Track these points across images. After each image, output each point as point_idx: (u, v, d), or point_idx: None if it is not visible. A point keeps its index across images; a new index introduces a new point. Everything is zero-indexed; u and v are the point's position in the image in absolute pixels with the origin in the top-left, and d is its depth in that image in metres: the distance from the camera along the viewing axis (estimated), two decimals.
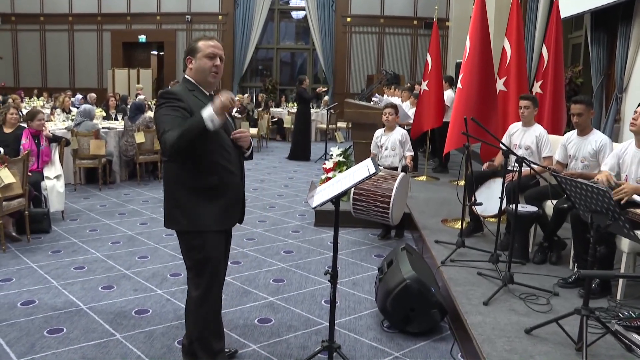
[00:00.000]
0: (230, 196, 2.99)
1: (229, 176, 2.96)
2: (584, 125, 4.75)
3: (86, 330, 3.79)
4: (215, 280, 3.03)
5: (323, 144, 12.42)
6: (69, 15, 20.68)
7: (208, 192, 2.90)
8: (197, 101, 2.86)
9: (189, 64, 2.95)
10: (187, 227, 2.93)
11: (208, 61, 2.90)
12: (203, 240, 2.93)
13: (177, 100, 2.81)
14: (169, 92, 2.87)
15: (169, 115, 2.77)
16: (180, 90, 2.89)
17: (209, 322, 3.06)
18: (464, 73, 6.11)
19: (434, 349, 3.65)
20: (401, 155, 6.19)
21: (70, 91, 15.77)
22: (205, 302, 3.01)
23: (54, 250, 5.49)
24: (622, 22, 7.46)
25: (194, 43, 2.95)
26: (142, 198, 7.95)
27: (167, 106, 2.80)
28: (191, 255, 2.99)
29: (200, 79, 2.95)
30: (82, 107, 8.92)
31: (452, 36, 16.80)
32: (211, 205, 2.91)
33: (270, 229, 6.42)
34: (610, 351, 3.19)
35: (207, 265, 2.97)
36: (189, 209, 2.89)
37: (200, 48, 2.91)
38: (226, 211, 2.98)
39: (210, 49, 2.91)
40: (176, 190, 2.92)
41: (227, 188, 2.95)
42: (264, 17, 20.30)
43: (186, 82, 2.97)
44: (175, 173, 2.92)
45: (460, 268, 4.57)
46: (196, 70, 2.93)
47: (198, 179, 2.88)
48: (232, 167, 2.97)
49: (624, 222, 3.07)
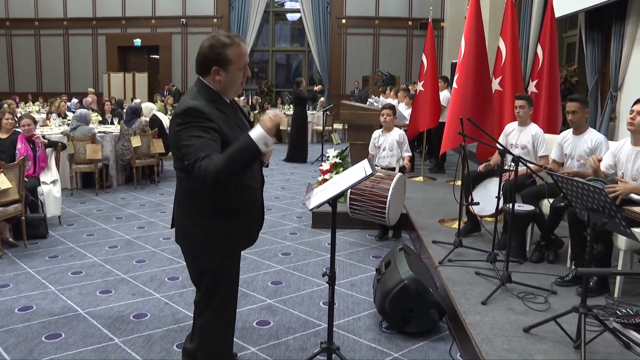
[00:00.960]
0: (253, 213, 2.79)
1: (252, 193, 2.74)
2: (579, 123, 4.77)
3: (84, 335, 3.78)
4: (227, 300, 2.85)
5: (319, 145, 12.43)
6: (63, 20, 20.67)
7: (230, 211, 2.65)
8: (221, 115, 2.56)
9: (216, 76, 2.57)
10: (204, 250, 2.69)
11: (241, 74, 2.62)
12: (220, 263, 2.73)
13: (206, 120, 2.47)
14: (196, 110, 2.48)
15: (202, 138, 2.43)
16: (204, 105, 2.52)
17: (221, 342, 2.88)
18: (459, 73, 6.12)
19: (432, 349, 3.65)
20: (399, 156, 6.19)
21: (66, 95, 15.75)
22: (215, 323, 2.82)
23: (51, 256, 5.48)
24: (615, 21, 7.49)
25: (222, 51, 2.55)
26: (139, 202, 7.94)
27: (195, 127, 2.45)
28: (204, 276, 2.76)
29: (227, 91, 2.64)
30: (78, 112, 8.91)
31: (448, 36, 16.84)
32: (234, 225, 2.68)
33: (268, 231, 6.42)
34: (609, 349, 3.20)
35: (219, 286, 2.77)
36: (209, 230, 2.65)
37: (232, 59, 2.56)
38: (249, 231, 2.81)
39: (243, 60, 2.61)
40: (194, 209, 2.66)
41: (249, 205, 2.74)
42: (259, 20, 20.32)
43: (207, 91, 2.60)
44: (194, 190, 2.64)
45: (458, 268, 4.57)
46: (226, 83, 2.60)
47: (220, 198, 2.60)
48: (254, 184, 2.74)
49: (620, 219, 3.08)
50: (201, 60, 2.60)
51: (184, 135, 2.47)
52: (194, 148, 2.42)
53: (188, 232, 2.72)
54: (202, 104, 2.52)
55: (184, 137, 2.47)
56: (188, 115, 2.49)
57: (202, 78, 2.64)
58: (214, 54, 2.56)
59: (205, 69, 2.60)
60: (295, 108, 12.17)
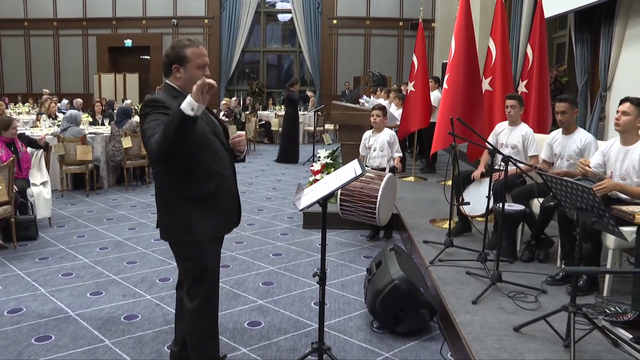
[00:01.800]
0: (227, 201, 2.92)
1: (224, 181, 2.88)
2: (568, 123, 4.79)
3: (75, 337, 3.77)
4: (212, 290, 2.95)
5: (311, 146, 12.43)
6: (53, 20, 20.56)
7: (204, 200, 2.80)
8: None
9: (176, 73, 2.79)
10: (184, 238, 2.83)
11: (199, 72, 2.75)
12: (201, 250, 2.84)
13: (163, 107, 2.67)
14: (154, 100, 2.73)
15: (155, 121, 2.63)
16: (164, 97, 2.75)
17: (208, 331, 2.99)
18: (449, 73, 6.14)
19: (423, 348, 3.66)
20: (389, 156, 6.20)
21: (56, 96, 15.67)
22: (203, 312, 2.92)
23: (42, 257, 5.45)
24: (604, 22, 7.54)
25: (181, 50, 2.76)
26: (130, 203, 7.91)
27: (153, 113, 2.67)
28: (188, 265, 2.89)
29: (188, 88, 2.68)
30: (69, 113, 8.87)
31: (438, 37, 16.89)
32: (208, 213, 2.82)
33: (259, 232, 6.41)
34: (598, 347, 3.22)
35: (204, 275, 2.87)
36: (185, 218, 2.79)
37: (190, 57, 2.76)
38: (224, 218, 2.92)
39: (201, 59, 2.78)
40: (170, 201, 2.82)
41: (222, 194, 2.87)
42: (250, 20, 20.30)
43: (170, 89, 2.83)
44: (168, 183, 2.80)
45: (449, 268, 4.59)
46: (185, 80, 2.77)
47: (193, 187, 2.78)
48: (225, 172, 2.90)
49: (608, 218, 3.10)
50: (165, 61, 2.84)
51: (144, 122, 2.69)
52: (149, 130, 2.63)
53: (168, 223, 2.86)
54: (161, 96, 2.77)
55: (144, 125, 2.69)
56: (147, 105, 2.73)
57: (167, 78, 2.86)
58: (175, 53, 2.79)
59: (168, 68, 2.82)
60: (287, 109, 12.18)
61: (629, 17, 7.15)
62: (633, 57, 7.07)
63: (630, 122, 3.98)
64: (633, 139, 4.03)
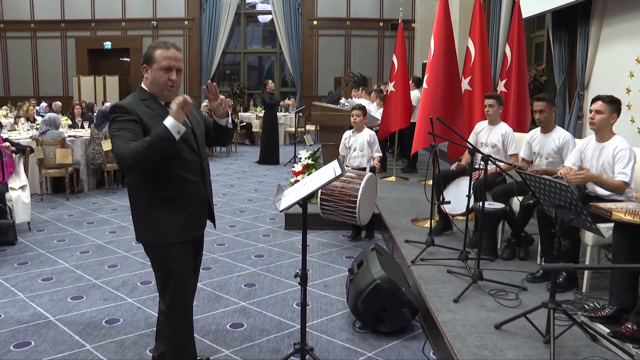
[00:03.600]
0: (193, 205, 2.90)
1: (190, 185, 2.86)
2: (547, 122, 4.85)
3: (55, 342, 3.73)
4: (180, 292, 2.93)
5: (292, 147, 12.43)
6: (30, 22, 20.30)
7: (168, 203, 2.81)
8: (148, 110, 2.75)
9: (145, 73, 2.82)
10: (150, 240, 2.87)
11: (163, 74, 2.75)
12: (166, 253, 2.85)
13: (126, 113, 2.68)
14: (117, 106, 2.73)
15: (122, 130, 2.65)
16: (131, 102, 2.75)
17: (180, 333, 2.98)
18: (429, 73, 6.18)
19: (406, 347, 3.68)
20: (369, 156, 6.23)
21: (35, 99, 15.49)
22: (173, 313, 2.93)
23: (20, 262, 5.39)
24: (581, 22, 7.64)
25: (152, 50, 2.78)
26: (111, 206, 7.85)
27: (118, 121, 2.68)
28: (156, 267, 2.93)
29: (155, 91, 2.81)
30: (47, 116, 8.79)
31: (418, 37, 16.94)
32: (173, 216, 2.82)
33: (241, 234, 6.40)
34: (577, 342, 3.26)
35: (170, 277, 2.88)
36: (151, 221, 2.82)
37: (156, 58, 2.76)
38: (189, 222, 2.89)
39: (166, 61, 2.75)
40: (138, 203, 2.86)
41: (188, 198, 2.86)
42: (230, 22, 20.21)
43: (140, 90, 2.85)
44: (137, 185, 2.84)
45: (430, 267, 4.61)
46: (151, 82, 2.80)
47: (157, 190, 2.79)
48: (192, 176, 2.87)
49: (586, 215, 3.14)
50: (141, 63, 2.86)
51: (110, 130, 2.72)
52: (115, 138, 2.65)
53: (138, 225, 2.90)
54: (128, 102, 2.77)
55: (111, 131, 2.72)
56: (112, 112, 2.75)
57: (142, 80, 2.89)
58: (146, 53, 2.81)
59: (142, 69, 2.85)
60: (266, 110, 12.19)
61: (604, 17, 7.25)
62: (609, 56, 7.17)
63: (604, 120, 4.04)
64: (607, 136, 4.10)
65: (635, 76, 6.44)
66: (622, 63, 6.70)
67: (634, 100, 6.41)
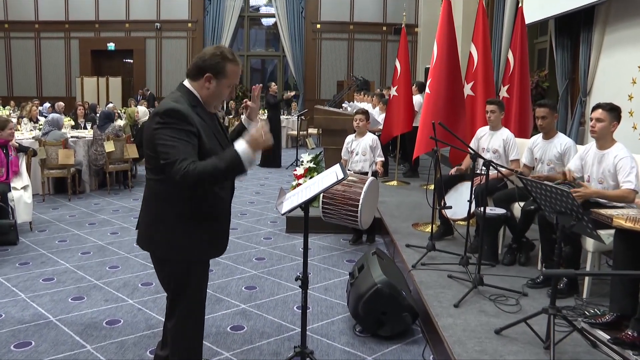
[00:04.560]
0: (222, 223, 2.81)
1: (222, 202, 2.75)
2: (549, 128, 4.85)
3: (55, 342, 3.74)
4: (194, 304, 2.83)
5: (294, 150, 12.44)
6: (35, 23, 20.37)
7: (200, 219, 2.65)
8: (201, 122, 2.58)
9: (206, 83, 2.61)
10: (168, 255, 2.69)
11: (228, 91, 2.67)
12: (186, 270, 2.72)
13: (185, 122, 2.49)
14: (178, 112, 2.50)
15: (183, 141, 2.45)
16: (186, 109, 2.54)
17: (189, 345, 2.88)
18: (431, 78, 6.18)
19: (406, 351, 3.68)
20: (372, 160, 6.23)
21: (38, 100, 15.52)
22: (182, 327, 2.82)
23: (22, 262, 5.40)
24: (583, 28, 7.64)
25: (223, 61, 2.61)
26: (113, 207, 7.86)
27: (175, 129, 2.47)
28: (169, 282, 2.79)
29: (209, 101, 2.67)
30: (50, 116, 8.81)
31: (421, 42, 16.98)
32: (202, 234, 2.67)
33: (242, 236, 6.41)
34: (577, 348, 3.26)
35: (186, 291, 2.76)
36: (176, 235, 2.63)
37: (228, 74, 2.62)
38: (216, 241, 2.80)
39: (236, 78, 2.68)
40: (163, 213, 2.64)
41: (217, 215, 2.74)
42: (233, 24, 20.27)
43: (189, 95, 2.63)
44: (164, 194, 2.63)
45: (431, 271, 4.62)
46: (212, 93, 2.64)
47: (191, 205, 2.61)
48: (225, 194, 2.77)
49: (587, 222, 3.15)
50: (200, 64, 2.63)
51: (163, 135, 2.47)
52: (176, 150, 2.43)
53: (156, 236, 2.68)
54: (185, 108, 2.54)
55: (163, 136, 2.47)
56: (170, 115, 2.50)
57: (191, 82, 2.66)
58: (215, 62, 2.60)
59: (199, 72, 2.63)
60: (268, 113, 12.20)
61: (607, 23, 7.26)
62: (611, 62, 7.17)
63: (605, 127, 4.04)
64: (608, 144, 4.10)
65: (637, 83, 6.44)
66: (625, 70, 6.70)
67: (636, 107, 6.41)
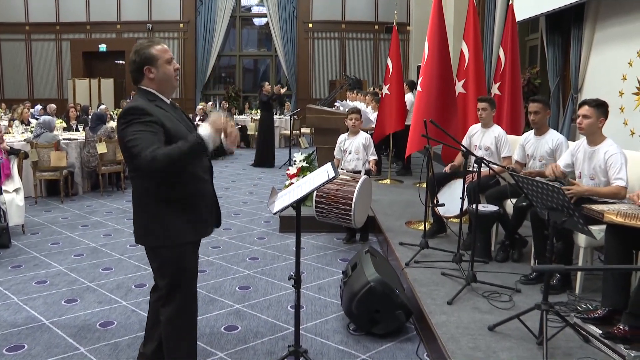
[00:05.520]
0: (205, 204, 2.91)
1: (202, 183, 2.88)
2: (541, 124, 4.87)
3: (49, 345, 3.72)
4: (190, 293, 2.93)
5: (287, 150, 12.43)
6: (25, 25, 20.28)
7: (182, 203, 2.79)
8: (162, 112, 2.74)
9: (149, 74, 2.78)
10: (163, 242, 2.79)
11: (169, 66, 2.81)
12: (180, 253, 2.82)
13: (145, 114, 2.65)
14: (136, 108, 2.67)
15: (143, 132, 2.60)
16: (143, 103, 2.72)
17: (186, 334, 2.97)
18: (423, 76, 6.18)
19: (400, 349, 3.69)
20: (365, 159, 6.24)
21: (29, 102, 15.46)
22: (181, 315, 2.91)
23: (14, 265, 5.38)
24: (574, 25, 7.67)
25: (146, 50, 2.78)
26: (106, 209, 7.84)
27: (137, 122, 2.62)
28: (166, 269, 2.85)
29: (164, 87, 2.83)
30: (42, 119, 8.78)
31: (413, 40, 17.00)
32: (186, 215, 2.80)
33: (236, 236, 6.40)
34: (570, 343, 3.28)
35: (182, 277, 2.86)
36: (163, 222, 2.76)
37: (158, 55, 2.78)
38: (202, 220, 2.90)
39: (168, 54, 2.83)
40: (148, 204, 2.79)
41: (200, 196, 2.87)
42: (225, 24, 20.26)
43: (145, 93, 2.81)
44: (146, 186, 2.78)
45: (425, 269, 4.62)
46: (160, 79, 2.80)
47: (171, 190, 2.75)
48: (204, 175, 2.91)
49: (578, 217, 3.16)
50: (133, 68, 2.82)
51: (128, 133, 2.64)
52: (140, 140, 2.59)
53: (146, 227, 2.82)
54: (142, 103, 2.73)
55: (128, 134, 2.64)
56: (129, 114, 2.68)
57: (141, 84, 2.84)
58: (142, 56, 2.79)
59: (139, 73, 2.81)
60: (262, 112, 12.20)
61: (597, 20, 7.29)
62: (602, 59, 7.21)
63: (592, 124, 4.05)
64: (598, 140, 4.11)
65: (627, 79, 6.48)
66: (615, 66, 6.74)
67: (626, 103, 6.44)
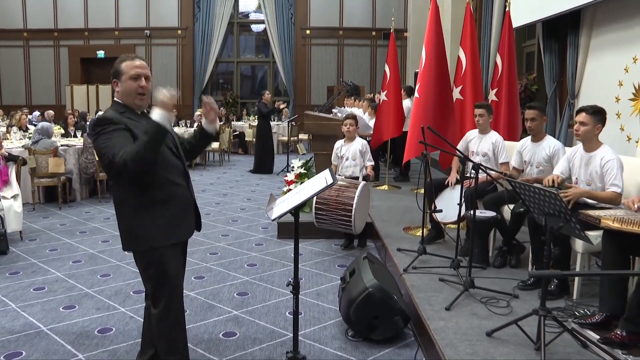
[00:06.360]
0: (179, 207, 2.98)
1: (176, 187, 2.96)
2: (537, 130, 4.89)
3: (47, 352, 3.72)
4: (176, 292, 3.00)
5: (285, 156, 12.45)
6: (23, 31, 20.30)
7: (158, 206, 2.88)
8: (130, 121, 2.83)
9: (116, 87, 2.92)
10: (142, 246, 2.91)
11: (133, 83, 2.87)
12: (159, 256, 2.90)
13: (112, 124, 2.75)
14: (101, 119, 2.81)
15: (112, 139, 2.71)
16: (111, 114, 2.83)
17: (175, 334, 3.04)
18: (420, 82, 6.20)
19: (398, 355, 3.69)
20: (362, 165, 6.25)
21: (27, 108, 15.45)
22: (167, 316, 2.98)
23: (12, 272, 5.37)
24: (571, 31, 7.71)
25: (118, 64, 2.90)
26: (104, 215, 7.84)
27: (104, 132, 2.74)
28: (149, 273, 2.96)
29: (129, 102, 2.91)
30: (40, 125, 8.78)
31: (411, 46, 17.03)
32: (160, 219, 2.89)
33: (234, 243, 6.40)
34: (568, 349, 3.28)
35: (165, 281, 2.94)
36: (139, 227, 2.88)
37: (123, 70, 2.88)
38: (177, 223, 2.97)
39: (134, 70, 2.88)
40: (124, 210, 2.91)
41: (174, 200, 2.94)
42: (223, 31, 20.30)
43: (116, 104, 2.92)
44: (123, 194, 2.90)
45: (423, 275, 4.63)
46: (123, 93, 2.90)
47: (145, 194, 2.86)
48: (178, 179, 2.98)
49: (575, 223, 3.17)
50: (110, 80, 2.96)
51: (98, 143, 2.76)
52: (109, 147, 2.70)
53: (127, 232, 2.93)
54: (109, 114, 2.83)
55: (98, 144, 2.76)
56: (97, 125, 2.79)
57: (115, 96, 2.96)
58: (113, 70, 2.92)
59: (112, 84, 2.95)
60: (259, 120, 12.20)
61: (593, 27, 7.33)
62: (598, 65, 7.24)
63: (589, 131, 4.08)
64: (594, 146, 4.14)
65: (624, 85, 6.50)
66: (612, 72, 6.77)
67: (623, 109, 6.47)
